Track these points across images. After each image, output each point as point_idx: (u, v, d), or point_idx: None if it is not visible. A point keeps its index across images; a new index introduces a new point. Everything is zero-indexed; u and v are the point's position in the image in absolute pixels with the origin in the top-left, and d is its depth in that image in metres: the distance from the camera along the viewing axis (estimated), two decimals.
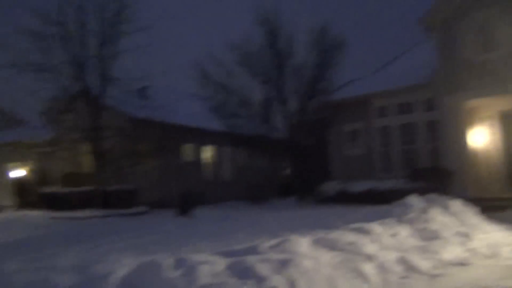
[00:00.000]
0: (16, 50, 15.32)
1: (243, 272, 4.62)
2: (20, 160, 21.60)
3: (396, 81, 15.45)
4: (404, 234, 6.79)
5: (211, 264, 4.89)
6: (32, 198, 20.12)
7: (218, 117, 19.88)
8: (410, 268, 5.39)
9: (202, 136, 22.37)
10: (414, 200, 8.44)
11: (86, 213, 14.98)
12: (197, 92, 20.38)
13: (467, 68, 13.17)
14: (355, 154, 16.56)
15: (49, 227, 12.65)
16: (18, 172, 22.24)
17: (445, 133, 13.69)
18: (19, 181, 21.89)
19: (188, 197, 12.09)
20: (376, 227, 6.82)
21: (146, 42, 16.87)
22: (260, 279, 4.38)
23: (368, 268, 5.10)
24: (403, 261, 5.54)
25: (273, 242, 6.15)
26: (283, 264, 4.75)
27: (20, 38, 15.56)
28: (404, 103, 15.47)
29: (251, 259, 4.96)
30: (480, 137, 13.93)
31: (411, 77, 15.05)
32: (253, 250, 5.59)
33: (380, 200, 12.72)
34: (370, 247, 5.94)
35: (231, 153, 24.53)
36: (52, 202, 17.16)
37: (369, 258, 5.44)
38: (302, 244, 5.76)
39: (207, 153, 23.47)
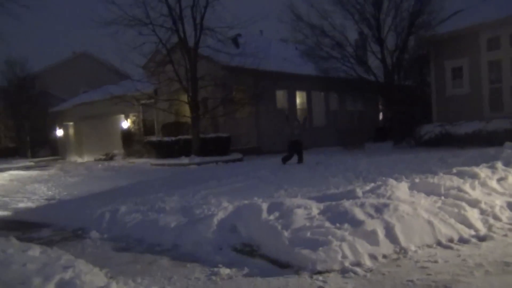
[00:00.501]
0: (120, 7, 16.21)
1: (339, 216, 4.63)
2: (126, 112, 23.42)
3: (509, 8, 13.72)
4: None
5: (306, 208, 4.97)
6: (137, 147, 21.90)
7: (311, 61, 19.50)
8: None
9: (294, 82, 22.21)
10: None
11: (185, 160, 15.94)
12: (289, 36, 20.05)
13: None
14: (459, 93, 15.31)
15: (153, 173, 13.74)
16: (125, 123, 24.21)
17: None
18: (126, 132, 23.87)
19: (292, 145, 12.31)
20: (481, 171, 6.36)
21: None
22: (356, 223, 4.36)
23: (472, 214, 4.81)
24: (511, 207, 5.14)
25: (369, 187, 6.06)
26: (380, 209, 4.67)
27: None
28: None
29: (347, 203, 4.94)
30: None
31: None
32: (349, 195, 5.57)
33: (488, 142, 11.82)
34: (474, 192, 5.58)
35: (323, 97, 24.17)
36: (155, 150, 18.50)
37: (473, 203, 5.12)
38: (400, 188, 5.60)
39: (300, 98, 23.34)
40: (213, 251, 4.54)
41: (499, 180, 6.15)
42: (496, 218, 4.87)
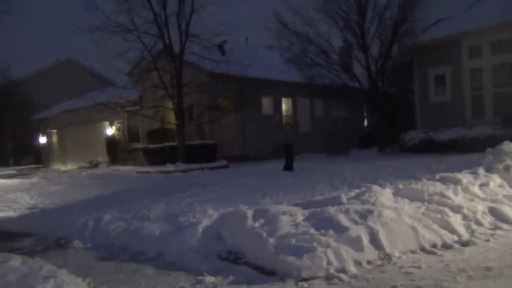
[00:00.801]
0: (105, 13, 16.15)
1: (323, 223, 4.64)
2: (111, 119, 23.23)
3: (491, 17, 14.01)
4: (495, 184, 6.35)
5: (292, 215, 4.98)
6: (122, 154, 21.73)
7: (296, 68, 19.62)
8: (501, 219, 5.07)
9: (280, 88, 22.31)
10: (508, 147, 7.80)
11: (171, 167, 15.84)
12: (275, 43, 20.15)
13: None
14: (442, 100, 15.55)
15: (137, 181, 13.63)
16: (109, 131, 24.01)
17: None
18: (110, 139, 23.66)
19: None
20: (464, 177, 6.45)
21: None
22: (341, 230, 4.38)
23: (455, 220, 4.87)
24: (493, 212, 5.21)
25: (353, 193, 6.10)
26: (365, 215, 4.70)
27: (107, 0, 16.30)
28: (500, 41, 14.05)
29: (331, 210, 4.96)
30: None
31: (508, 11, 13.54)
32: (334, 201, 5.59)
33: (470, 148, 11.99)
34: (457, 198, 5.66)
35: (309, 104, 24.32)
36: (140, 158, 18.37)
37: (456, 209, 5.19)
38: (384, 194, 5.63)
39: (285, 105, 23.45)
40: (198, 259, 4.51)
41: (481, 185, 6.25)
42: (478, 223, 4.94)
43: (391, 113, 18.57)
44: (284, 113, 23.24)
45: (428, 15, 17.58)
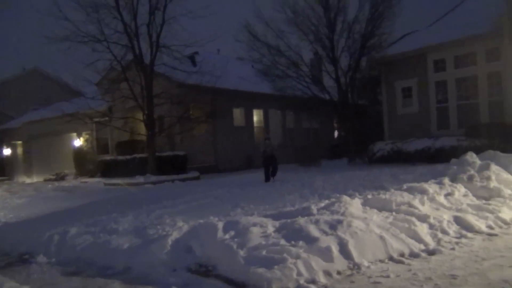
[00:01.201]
0: (73, 23, 15.89)
1: (294, 234, 4.65)
2: (79, 130, 22.73)
3: (454, 32, 14.53)
4: (460, 193, 6.54)
5: (262, 226, 4.97)
6: (90, 166, 21.25)
7: (267, 79, 19.76)
8: (465, 228, 5.21)
9: (251, 100, 22.42)
10: (471, 158, 8.05)
11: (140, 179, 15.61)
12: (246, 55, 20.27)
13: None
14: (409, 112, 15.95)
15: (106, 193, 13.35)
16: (77, 142, 23.47)
17: (510, 84, 12.84)
18: (78, 150, 23.13)
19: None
20: (430, 187, 6.61)
21: (195, 8, 16.85)
22: (311, 240, 4.40)
23: (422, 229, 4.97)
24: (458, 221, 5.35)
25: (323, 203, 6.15)
26: (334, 225, 4.74)
27: (75, 10, 16.07)
28: (463, 55, 14.58)
29: (302, 220, 4.98)
30: None
31: (470, 27, 14.08)
32: (304, 212, 5.62)
33: (436, 159, 12.31)
34: (423, 208, 5.78)
35: (280, 115, 24.50)
36: (109, 170, 18.01)
37: (423, 218, 5.30)
38: (353, 205, 5.70)
39: (257, 116, 23.55)
40: (167, 273, 4.43)
41: (447, 195, 6.41)
42: (444, 232, 5.06)
43: (361, 124, 18.91)
44: (255, 125, 23.33)
45: (395, 29, 18.13)
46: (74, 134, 23.65)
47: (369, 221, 4.96)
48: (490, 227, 5.33)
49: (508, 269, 3.88)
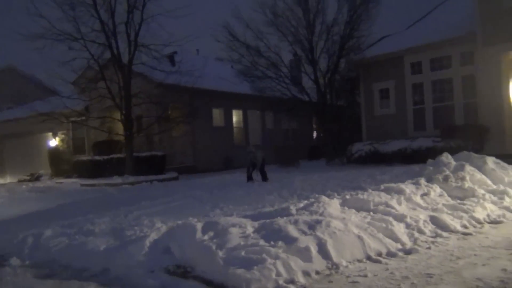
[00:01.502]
0: (49, 20, 15.56)
1: (273, 234, 4.65)
2: (54, 130, 22.29)
3: (430, 35, 14.84)
4: (435, 193, 6.66)
5: (241, 227, 4.95)
6: (66, 166, 20.85)
7: (247, 80, 19.76)
8: (441, 227, 5.30)
9: (231, 100, 22.38)
10: (446, 159, 8.21)
11: (118, 180, 15.39)
12: (226, 55, 20.24)
13: (510, 16, 12.43)
14: (387, 113, 16.21)
15: (83, 194, 13.12)
16: (53, 142, 23.01)
17: (483, 87, 13.18)
18: (54, 150, 22.67)
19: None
20: (406, 187, 6.71)
21: (173, 7, 16.70)
22: (290, 241, 4.40)
23: (399, 229, 5.04)
24: (434, 221, 5.45)
25: (302, 204, 6.18)
26: (313, 226, 4.76)
27: (51, 7, 15.75)
28: (439, 58, 14.91)
29: (281, 221, 4.98)
30: None
31: (445, 30, 14.41)
32: (283, 212, 5.63)
33: (412, 159, 12.53)
34: (400, 208, 5.87)
35: (260, 116, 24.54)
36: (85, 170, 17.70)
37: (400, 218, 5.38)
38: (332, 205, 5.74)
39: (236, 117, 23.53)
40: (145, 274, 4.36)
41: (423, 195, 6.52)
42: (421, 231, 5.14)
43: (339, 125, 19.09)
44: (235, 125, 23.31)
45: (374, 32, 18.41)
46: (50, 134, 23.18)
47: (348, 221, 5.00)
48: (464, 226, 5.44)
49: (481, 267, 3.96)
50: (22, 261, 5.38)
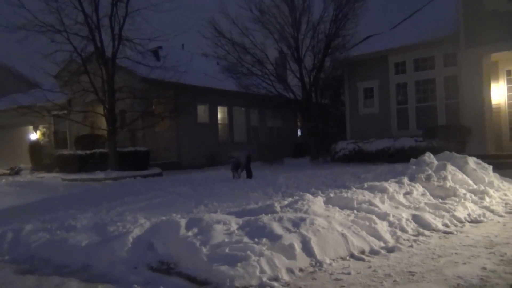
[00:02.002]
0: (31, 11, 15.24)
1: (257, 231, 4.64)
2: (36, 123, 21.91)
3: (415, 36, 15.01)
4: (418, 192, 6.76)
5: (226, 224, 4.94)
6: (47, 160, 20.51)
7: (232, 77, 19.71)
8: (423, 226, 5.38)
9: (216, 97, 22.30)
10: (429, 158, 8.32)
11: (100, 175, 15.21)
12: (211, 51, 20.13)
13: (492, 19, 12.64)
14: (371, 112, 16.35)
15: (64, 189, 12.93)
16: (34, 135, 22.61)
17: (465, 88, 13.38)
18: (34, 144, 22.29)
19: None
20: (390, 186, 6.78)
21: (159, 1, 16.52)
22: (274, 238, 4.41)
23: (382, 227, 5.10)
24: (416, 219, 5.52)
25: (287, 201, 6.18)
26: (297, 223, 4.77)
27: None
28: (422, 59, 15.10)
29: (265, 218, 4.98)
30: (503, 93, 13.59)
31: (429, 31, 14.59)
32: (267, 209, 5.63)
33: (396, 158, 12.68)
34: (383, 206, 5.93)
35: (245, 113, 24.51)
36: (67, 165, 17.44)
37: (383, 216, 5.43)
38: (316, 203, 5.76)
39: (221, 114, 23.46)
40: (128, 271, 4.32)
41: (405, 194, 6.61)
42: (403, 230, 5.20)
43: (324, 123, 19.20)
44: (219, 122, 23.24)
45: (359, 31, 18.53)
46: (31, 127, 22.78)
47: (331, 219, 5.03)
48: (446, 225, 5.53)
49: (462, 265, 4.03)
50: (1, 256, 5.28)
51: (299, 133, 28.26)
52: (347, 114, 17.24)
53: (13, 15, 15.24)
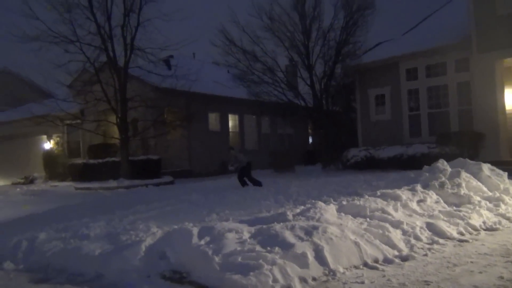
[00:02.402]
0: (45, 23, 15.53)
1: (269, 240, 4.63)
2: (49, 133, 22.18)
3: (426, 42, 14.91)
4: (431, 200, 6.68)
5: (238, 232, 4.93)
6: (60, 169, 20.73)
7: (243, 85, 19.74)
8: (437, 234, 5.31)
9: (227, 105, 22.37)
10: (442, 165, 8.23)
11: (113, 183, 15.32)
12: (222, 59, 20.20)
13: (504, 24, 12.52)
14: (382, 119, 16.24)
15: (77, 198, 13.03)
16: (47, 145, 22.88)
17: (478, 94, 13.24)
18: (48, 153, 22.55)
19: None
20: (403, 193, 6.72)
21: (170, 10, 16.72)
22: (287, 246, 4.39)
23: (395, 235, 5.04)
24: (430, 227, 5.45)
25: (299, 209, 6.16)
26: (310, 232, 4.74)
27: (46, 9, 15.71)
28: (434, 65, 14.98)
29: (277, 226, 4.96)
30: None
31: (441, 37, 14.49)
32: (279, 218, 5.61)
33: (408, 165, 12.55)
34: (397, 214, 5.87)
35: (255, 121, 24.54)
36: (80, 174, 17.60)
37: (396, 224, 5.38)
38: (328, 211, 5.73)
39: (232, 121, 23.52)
40: (140, 280, 4.33)
41: (419, 201, 6.53)
42: (417, 238, 5.14)
43: (335, 130, 19.11)
44: (231, 130, 23.29)
45: (369, 38, 18.45)
46: (44, 137, 23.07)
47: (344, 227, 4.99)
48: (461, 233, 5.45)
49: (478, 274, 3.96)
50: (16, 264, 5.33)
51: (310, 140, 28.17)
52: (358, 121, 17.16)
53: (27, 26, 15.52)
